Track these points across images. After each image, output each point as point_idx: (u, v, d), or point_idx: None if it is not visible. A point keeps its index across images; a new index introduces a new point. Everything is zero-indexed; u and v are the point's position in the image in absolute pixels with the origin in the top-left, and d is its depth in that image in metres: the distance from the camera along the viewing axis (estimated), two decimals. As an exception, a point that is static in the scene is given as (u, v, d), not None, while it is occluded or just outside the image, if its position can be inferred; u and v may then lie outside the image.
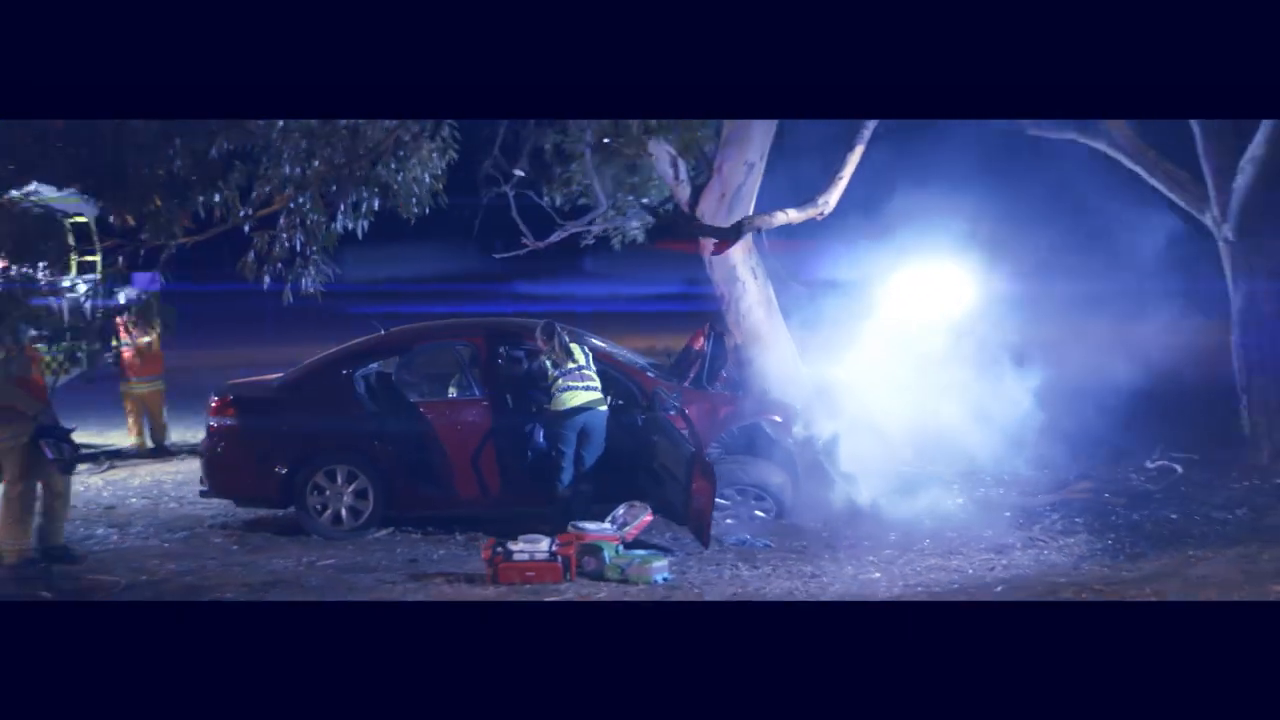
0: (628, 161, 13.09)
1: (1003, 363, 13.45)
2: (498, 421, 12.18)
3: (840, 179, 12.45)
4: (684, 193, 13.01)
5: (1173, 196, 14.45)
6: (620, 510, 11.19)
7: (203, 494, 12.48)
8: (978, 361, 13.26)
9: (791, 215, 12.10)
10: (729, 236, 11.42)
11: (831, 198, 12.39)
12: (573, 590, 10.18)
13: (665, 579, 10.38)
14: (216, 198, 9.21)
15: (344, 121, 9.70)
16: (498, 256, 14.56)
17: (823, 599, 9.80)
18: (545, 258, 14.68)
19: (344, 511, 12.00)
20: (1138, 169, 14.49)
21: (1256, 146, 13.13)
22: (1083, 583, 9.85)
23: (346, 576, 10.65)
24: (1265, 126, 12.99)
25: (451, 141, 10.81)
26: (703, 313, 14.29)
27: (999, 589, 9.88)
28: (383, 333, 12.87)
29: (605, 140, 12.98)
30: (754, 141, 12.61)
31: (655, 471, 11.46)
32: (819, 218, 12.31)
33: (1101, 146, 14.56)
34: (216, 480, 12.27)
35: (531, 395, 12.12)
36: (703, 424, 11.99)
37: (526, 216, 14.22)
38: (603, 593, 10.11)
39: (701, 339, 12.85)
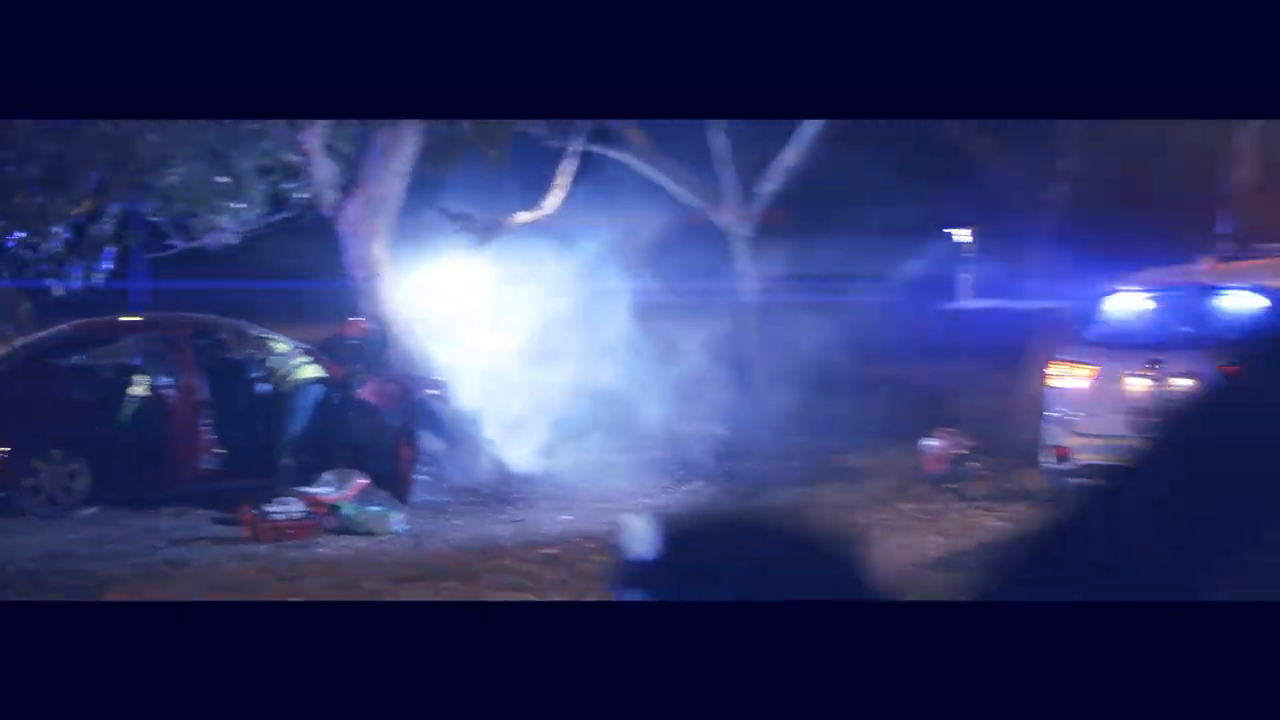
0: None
1: (618, 347, 15.90)
2: (210, 403, 13.20)
3: (559, 186, 14.41)
4: (329, 197, 14.36)
5: (690, 200, 17.37)
6: (329, 476, 12.61)
7: (-94, 482, 12.59)
8: (593, 344, 15.67)
9: (524, 217, 13.98)
10: (487, 233, 13.12)
11: (552, 201, 14.34)
12: (333, 545, 11.62)
13: (404, 529, 12.07)
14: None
15: (136, 129, 10.59)
16: (148, 257, 15.23)
17: (551, 535, 11.81)
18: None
19: (58, 493, 12.62)
20: (656, 175, 17.23)
21: (791, 156, 16.27)
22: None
23: (113, 548, 11.45)
24: (801, 138, 16.09)
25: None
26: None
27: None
28: (68, 326, 13.44)
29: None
30: (404, 150, 14.04)
31: (356, 444, 13.01)
32: (542, 218, 14.26)
33: (622, 156, 17.12)
34: (-78, 467, 12.45)
35: (251, 377, 13.22)
36: (382, 402, 13.62)
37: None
38: (362, 542, 11.65)
39: (359, 327, 14.37)
